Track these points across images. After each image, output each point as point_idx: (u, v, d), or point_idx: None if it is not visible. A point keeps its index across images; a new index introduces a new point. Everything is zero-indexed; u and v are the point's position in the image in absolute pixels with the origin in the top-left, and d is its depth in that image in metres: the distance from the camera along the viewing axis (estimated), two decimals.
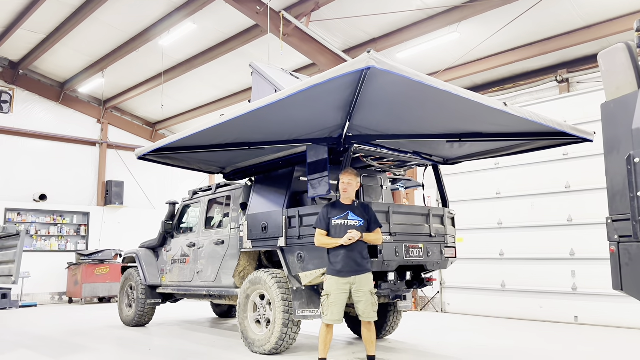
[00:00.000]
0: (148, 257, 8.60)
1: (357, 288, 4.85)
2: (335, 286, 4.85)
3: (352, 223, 4.92)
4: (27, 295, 12.99)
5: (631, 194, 2.88)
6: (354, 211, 5.00)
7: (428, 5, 9.20)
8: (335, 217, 4.97)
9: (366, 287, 4.87)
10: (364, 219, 4.98)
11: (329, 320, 4.84)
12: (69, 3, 10.68)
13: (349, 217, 4.95)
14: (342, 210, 5.00)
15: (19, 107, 14.20)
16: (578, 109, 8.69)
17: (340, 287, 4.84)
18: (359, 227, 4.91)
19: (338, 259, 4.88)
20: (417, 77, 4.04)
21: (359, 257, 4.89)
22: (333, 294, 4.84)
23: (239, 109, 5.04)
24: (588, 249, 8.30)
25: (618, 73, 3.11)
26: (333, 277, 4.89)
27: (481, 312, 9.77)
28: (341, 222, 4.94)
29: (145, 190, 15.93)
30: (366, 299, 4.85)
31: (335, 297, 4.83)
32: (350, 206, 5.04)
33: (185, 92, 14.21)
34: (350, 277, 4.84)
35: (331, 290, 4.86)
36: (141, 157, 6.63)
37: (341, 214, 4.98)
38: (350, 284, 4.85)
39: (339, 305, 4.83)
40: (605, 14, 8.58)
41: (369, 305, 4.87)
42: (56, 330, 8.37)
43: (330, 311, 4.83)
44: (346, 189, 5.03)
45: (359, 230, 4.88)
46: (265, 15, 9.40)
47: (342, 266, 4.85)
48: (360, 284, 4.85)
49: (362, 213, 5.01)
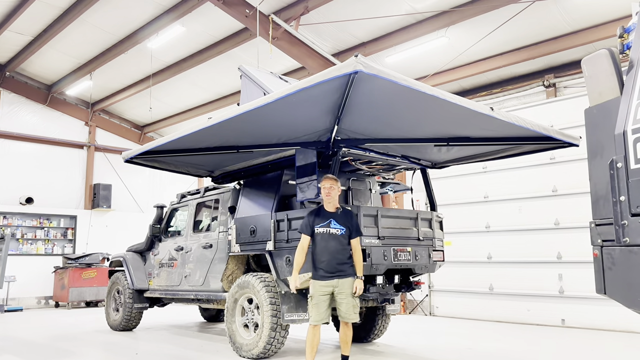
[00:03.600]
0: (135, 261, 8.54)
1: (339, 291, 4.98)
2: (318, 289, 5.00)
3: (334, 231, 5.02)
4: (13, 299, 12.81)
5: (614, 199, 2.91)
6: (337, 219, 5.07)
7: (417, 9, 9.25)
8: (318, 225, 5.06)
9: (348, 290, 4.99)
10: (346, 226, 5.06)
11: (313, 321, 5.02)
12: (57, 5, 10.60)
13: (331, 225, 5.04)
14: (325, 218, 5.08)
15: (5, 110, 14.04)
16: (565, 113, 8.79)
17: (323, 290, 4.98)
18: (341, 235, 5.03)
19: (321, 264, 5.02)
20: (405, 82, 4.07)
21: (341, 262, 5.00)
22: (316, 296, 4.99)
23: (227, 112, 5.03)
24: (575, 252, 8.38)
25: (601, 79, 3.15)
26: (316, 280, 5.04)
27: (469, 315, 9.81)
28: (323, 230, 5.03)
29: (133, 194, 15.82)
30: (347, 301, 4.99)
31: (317, 299, 4.98)
32: (333, 214, 5.11)
33: (174, 94, 14.14)
34: (333, 280, 4.97)
35: (314, 293, 5.01)
36: (128, 160, 6.58)
37: (324, 222, 5.05)
38: (332, 286, 4.98)
39: (323, 307, 4.98)
40: (591, 20, 8.68)
41: (350, 307, 4.99)
42: (42, 335, 8.27)
43: (314, 312, 4.99)
44: (329, 193, 5.09)
45: (340, 239, 5.00)
46: (255, 19, 9.40)
47: (325, 270, 4.98)
48: (342, 287, 4.98)
49: (344, 221, 5.08)
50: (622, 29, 3.38)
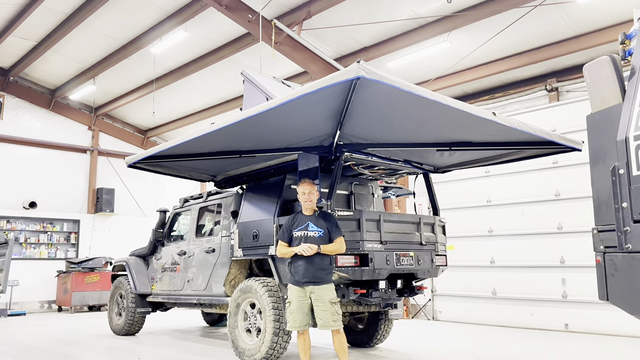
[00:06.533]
0: (138, 265, 8.55)
1: (315, 297, 4.85)
2: (295, 294, 4.91)
3: (312, 234, 4.92)
4: (16, 303, 12.85)
5: (616, 205, 2.91)
6: (315, 222, 4.98)
7: (419, 14, 9.27)
8: (296, 229, 4.99)
9: (325, 297, 4.84)
10: (324, 228, 4.96)
11: (290, 327, 4.92)
12: (60, 10, 10.66)
13: (308, 229, 4.94)
14: (302, 222, 5.01)
15: (9, 114, 14.11)
16: (567, 117, 8.78)
17: (300, 296, 4.89)
18: (319, 238, 4.90)
19: (297, 269, 4.91)
20: (407, 87, 4.08)
21: (317, 268, 4.87)
22: (294, 301, 4.90)
23: (230, 117, 5.05)
24: (578, 257, 8.35)
25: (603, 85, 3.15)
26: (293, 285, 4.96)
27: (472, 319, 9.78)
28: (301, 234, 4.95)
29: (136, 198, 15.85)
30: (325, 308, 4.81)
31: (295, 305, 4.88)
32: (310, 217, 5.03)
33: (177, 99, 14.19)
34: (309, 286, 4.86)
35: (292, 298, 4.93)
36: (131, 165, 6.60)
37: (301, 226, 4.98)
38: (309, 292, 4.87)
39: (300, 313, 4.86)
40: (593, 24, 8.68)
41: (327, 314, 4.80)
42: (45, 339, 8.28)
43: (292, 318, 4.89)
44: (309, 198, 5.02)
45: (318, 241, 4.88)
46: (257, 24, 9.43)
47: (301, 276, 4.88)
48: (318, 293, 4.85)
49: (322, 223, 4.98)
50: (624, 36, 3.38)
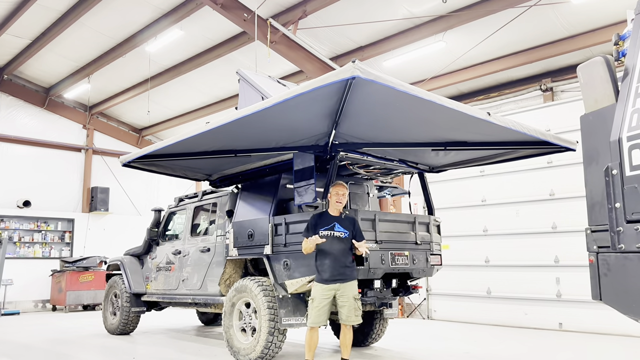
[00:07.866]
0: (133, 265, 8.53)
1: (341, 294, 5.04)
2: (320, 292, 5.07)
3: (338, 234, 5.11)
4: (10, 302, 12.78)
5: (609, 205, 2.93)
6: (341, 223, 5.16)
7: (414, 14, 9.28)
8: (323, 228, 5.12)
9: (350, 293, 5.06)
10: (350, 230, 5.15)
11: (312, 323, 5.09)
12: (55, 8, 10.61)
13: (335, 229, 5.12)
14: (329, 222, 5.16)
15: (2, 113, 14.03)
16: (562, 117, 8.81)
17: (325, 294, 5.05)
18: (345, 239, 5.12)
19: (324, 267, 5.08)
20: (402, 87, 4.08)
21: (344, 265, 5.09)
22: (317, 299, 5.06)
23: (225, 117, 5.06)
24: (572, 256, 8.39)
25: (596, 86, 3.17)
26: (319, 284, 5.10)
27: (467, 318, 9.82)
28: (327, 233, 5.09)
29: (130, 197, 15.80)
30: (349, 304, 5.05)
31: (319, 302, 5.04)
32: (337, 217, 5.20)
33: (172, 98, 14.14)
34: (335, 284, 5.04)
35: (316, 295, 5.08)
36: (126, 164, 6.59)
37: (328, 225, 5.13)
38: (335, 290, 5.04)
39: (323, 310, 5.05)
40: (588, 25, 8.71)
41: (352, 310, 5.07)
42: (39, 339, 8.25)
43: (314, 314, 5.06)
44: (340, 200, 5.20)
45: (345, 241, 5.10)
46: (253, 23, 9.42)
47: (329, 275, 5.05)
48: (344, 290, 5.05)
49: (348, 225, 5.17)
50: (618, 37, 3.39)
